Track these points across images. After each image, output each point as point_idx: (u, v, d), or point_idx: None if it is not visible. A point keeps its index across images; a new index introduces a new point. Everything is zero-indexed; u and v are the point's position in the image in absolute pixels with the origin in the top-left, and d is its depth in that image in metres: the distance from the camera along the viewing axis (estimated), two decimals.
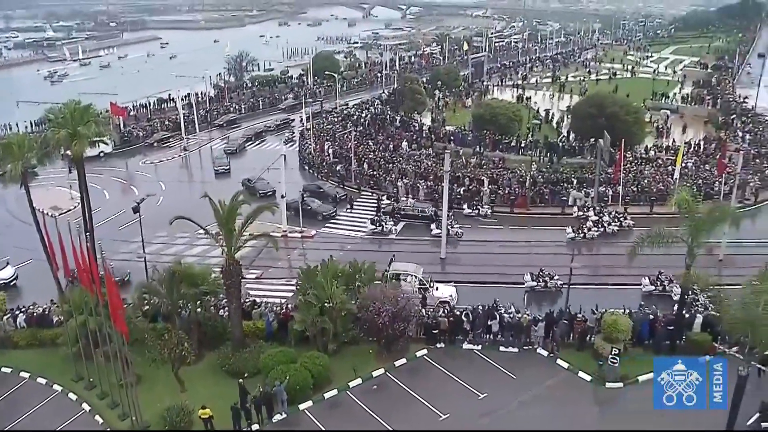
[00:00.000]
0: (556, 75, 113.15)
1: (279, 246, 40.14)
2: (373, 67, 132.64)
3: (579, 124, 69.35)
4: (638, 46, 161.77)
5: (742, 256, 45.10)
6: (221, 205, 33.76)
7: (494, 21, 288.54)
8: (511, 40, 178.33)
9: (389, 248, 49.20)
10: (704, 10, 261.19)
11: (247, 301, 38.38)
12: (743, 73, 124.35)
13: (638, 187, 57.76)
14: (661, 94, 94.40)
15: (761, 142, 70.93)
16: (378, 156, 67.04)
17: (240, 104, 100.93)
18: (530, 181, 58.51)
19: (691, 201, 34.60)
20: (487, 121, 70.39)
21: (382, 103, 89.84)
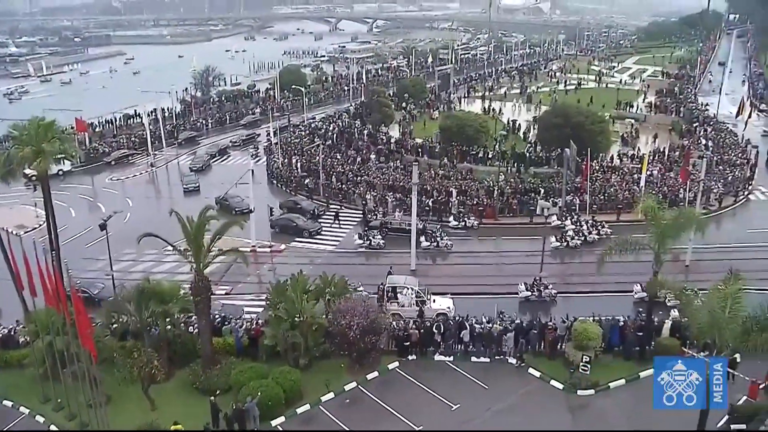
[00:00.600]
0: (525, 86, 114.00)
1: (248, 261, 39.98)
2: (340, 81, 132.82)
3: (545, 134, 70.02)
4: (602, 56, 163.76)
5: (707, 261, 45.95)
6: (189, 221, 33.56)
7: (460, 33, 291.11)
8: (477, 52, 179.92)
9: (359, 261, 49.43)
10: (665, 20, 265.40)
11: (218, 316, 38.16)
12: (705, 81, 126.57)
13: (605, 196, 58.47)
14: (626, 103, 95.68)
15: (723, 149, 72.21)
16: (346, 169, 67.10)
17: (207, 119, 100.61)
18: (498, 191, 58.96)
19: (657, 208, 35.13)
20: (454, 133, 70.77)
21: (350, 116, 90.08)
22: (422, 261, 49.53)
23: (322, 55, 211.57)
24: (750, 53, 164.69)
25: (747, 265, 42.47)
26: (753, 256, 47.62)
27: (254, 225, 52.22)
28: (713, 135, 77.59)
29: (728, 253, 47.51)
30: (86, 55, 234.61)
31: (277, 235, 55.22)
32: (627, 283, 42.00)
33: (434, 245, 51.65)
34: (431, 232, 52.75)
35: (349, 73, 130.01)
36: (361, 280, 42.52)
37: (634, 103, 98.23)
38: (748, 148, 73.92)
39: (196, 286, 33.29)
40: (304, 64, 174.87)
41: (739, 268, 32.53)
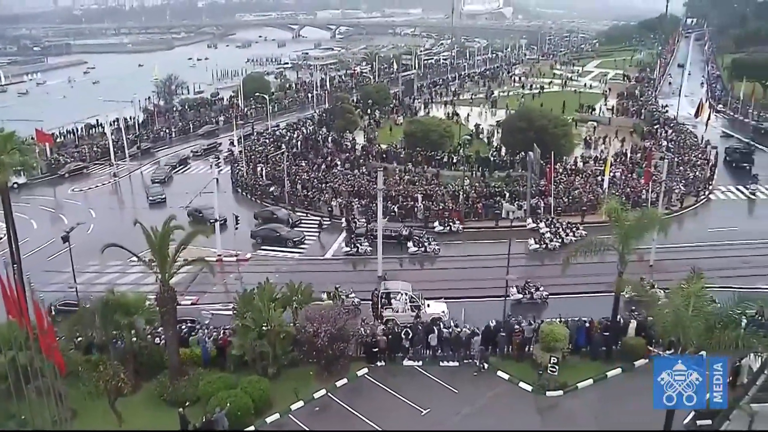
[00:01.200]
0: (489, 91, 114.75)
1: (214, 270, 39.71)
2: (304, 88, 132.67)
3: (509, 138, 70.49)
4: (564, 60, 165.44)
5: (671, 261, 46.58)
6: (154, 231, 33.22)
7: (423, 39, 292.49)
8: (440, 57, 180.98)
9: (326, 268, 49.40)
10: (625, 24, 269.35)
11: (184, 328, 37.83)
12: (665, 83, 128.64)
13: (569, 198, 59.06)
14: (588, 106, 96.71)
15: (684, 150, 73.39)
16: (311, 176, 67.00)
17: (170, 128, 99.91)
18: (463, 196, 59.26)
19: (620, 209, 35.61)
20: (418, 138, 70.98)
21: (314, 123, 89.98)
22: (409, 266, 50.00)
23: (285, 62, 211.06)
24: (707, 56, 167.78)
25: (709, 263, 43.35)
26: (714, 255, 48.60)
27: (219, 234, 51.91)
28: (674, 136, 78.89)
29: (691, 252, 48.52)
30: (46, 65, 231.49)
31: (257, 245, 54.95)
32: (746, 276, 43.34)
33: (422, 250, 51.79)
34: (418, 237, 52.90)
35: (313, 80, 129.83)
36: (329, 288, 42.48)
37: (597, 106, 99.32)
38: (707, 149, 75.43)
39: (162, 296, 32.95)
40: (268, 72, 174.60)
41: (702, 266, 33.06)
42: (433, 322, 38.01)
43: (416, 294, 40.70)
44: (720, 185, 67.05)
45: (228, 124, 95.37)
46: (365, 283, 44.98)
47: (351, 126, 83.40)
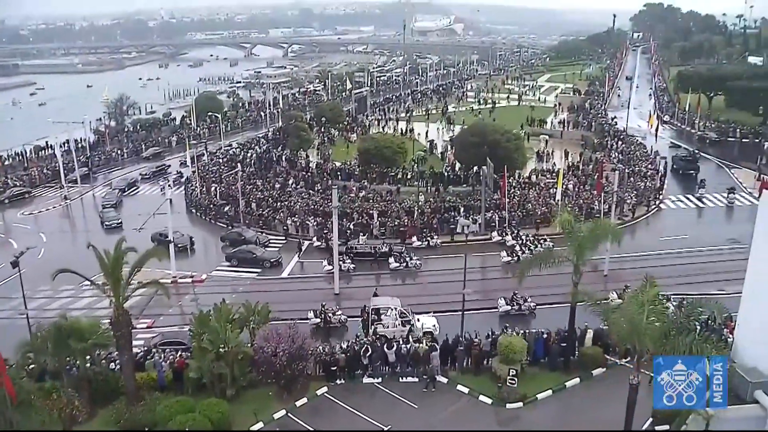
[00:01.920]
0: (442, 106, 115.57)
1: (169, 293, 39.20)
2: (257, 106, 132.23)
3: (463, 153, 70.93)
4: (515, 75, 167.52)
5: (624, 270, 47.43)
6: (107, 254, 32.71)
7: (375, 56, 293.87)
8: (393, 74, 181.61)
9: (283, 287, 49.15)
10: (574, 39, 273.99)
11: (139, 352, 37.23)
12: (614, 96, 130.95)
13: (523, 211, 59.66)
14: (540, 120, 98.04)
15: (634, 161, 74.74)
16: (266, 195, 66.66)
17: (122, 149, 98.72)
18: (418, 211, 59.48)
19: (573, 221, 36.09)
20: (373, 155, 71.04)
21: (268, 142, 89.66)
22: (391, 282, 49.93)
23: (238, 81, 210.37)
24: (654, 69, 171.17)
25: (661, 271, 44.15)
26: (667, 263, 49.56)
27: (174, 255, 51.29)
28: (624, 148, 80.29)
29: (644, 261, 49.52)
30: None
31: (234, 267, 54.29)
32: (697, 283, 44.40)
33: (404, 266, 51.83)
34: (398, 253, 52.98)
35: (266, 99, 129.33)
36: (289, 306, 42.22)
37: (548, 119, 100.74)
38: (657, 159, 76.98)
39: (116, 320, 32.40)
40: (220, 91, 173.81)
41: (654, 274, 33.56)
42: (425, 336, 38.19)
43: (406, 309, 40.78)
44: (670, 195, 68.52)
45: (180, 145, 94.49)
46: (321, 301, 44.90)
47: (305, 144, 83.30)
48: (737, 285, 29.34)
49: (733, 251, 49.04)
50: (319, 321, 41.95)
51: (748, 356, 27.55)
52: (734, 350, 28.48)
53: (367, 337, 38.09)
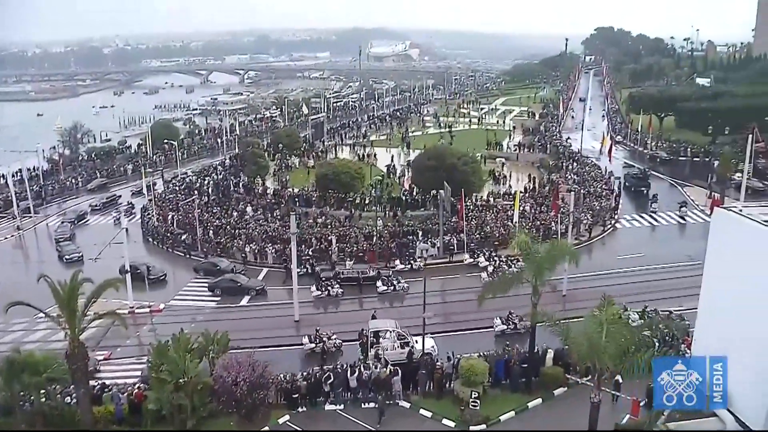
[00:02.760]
0: (400, 131, 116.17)
1: (127, 323, 38.58)
2: (214, 133, 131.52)
3: (420, 178, 71.18)
4: (471, 99, 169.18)
5: (583, 290, 47.85)
6: (62, 285, 32.10)
7: (331, 82, 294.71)
8: (349, 100, 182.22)
9: (242, 316, 48.67)
10: (528, 63, 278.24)
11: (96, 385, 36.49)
12: (568, 118, 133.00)
13: (481, 234, 60.01)
14: (495, 143, 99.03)
15: (589, 182, 75.81)
16: (224, 223, 66.16)
17: (77, 178, 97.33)
18: (377, 236, 59.52)
19: (531, 242, 36.42)
20: (330, 181, 70.95)
21: (225, 169, 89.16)
22: (382, 305, 49.42)
23: (194, 108, 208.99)
24: (606, 91, 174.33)
25: (619, 289, 44.72)
26: (624, 281, 50.24)
27: (131, 284, 50.52)
28: (579, 169, 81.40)
29: (601, 280, 50.13)
30: None
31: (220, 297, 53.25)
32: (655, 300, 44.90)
33: (391, 289, 51.77)
34: (386, 276, 52.98)
35: (222, 126, 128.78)
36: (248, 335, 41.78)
37: (504, 142, 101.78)
38: (611, 180, 78.22)
39: (72, 353, 31.73)
40: (176, 118, 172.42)
41: (612, 293, 33.97)
42: (423, 357, 37.99)
43: (404, 331, 40.64)
44: (625, 214, 69.55)
45: (136, 173, 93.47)
46: (283, 329, 44.82)
47: (262, 171, 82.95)
48: (694, 301, 29.80)
49: (688, 268, 49.81)
50: (314, 346, 41.68)
51: None
52: None
53: (367, 361, 38.02)
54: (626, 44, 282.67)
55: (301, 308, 48.06)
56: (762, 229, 26.50)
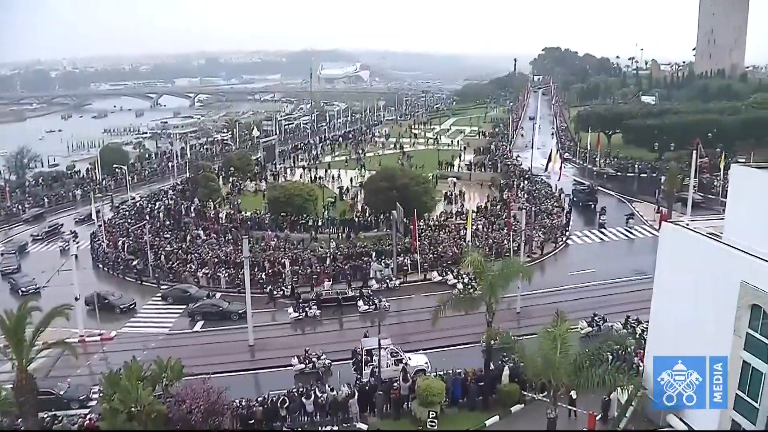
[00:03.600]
0: (353, 152, 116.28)
1: (77, 352, 37.78)
2: (164, 157, 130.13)
3: (372, 199, 71.23)
4: (422, 120, 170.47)
5: (536, 306, 48.20)
6: (7, 315, 31.34)
7: (283, 104, 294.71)
8: (301, 122, 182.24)
9: (195, 342, 48.00)
10: (478, 83, 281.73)
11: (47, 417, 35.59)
12: (518, 137, 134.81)
13: (435, 253, 60.21)
14: (447, 163, 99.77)
15: (540, 200, 76.73)
16: (175, 247, 65.35)
17: (23, 203, 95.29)
18: (330, 258, 59.36)
19: (483, 261, 36.67)
20: (283, 204, 70.61)
21: (176, 193, 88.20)
22: (362, 324, 48.85)
23: (144, 131, 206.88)
24: (555, 110, 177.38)
25: (572, 305, 45.22)
26: (577, 296, 50.80)
27: (81, 312, 49.49)
28: (530, 187, 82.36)
29: (554, 296, 50.62)
30: None
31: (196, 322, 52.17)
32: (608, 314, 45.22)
33: (373, 308, 51.58)
34: (368, 295, 52.88)
35: (173, 149, 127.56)
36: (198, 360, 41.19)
37: (455, 162, 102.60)
38: (562, 197, 79.30)
39: (19, 384, 30.99)
40: (126, 142, 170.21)
41: (566, 308, 34.33)
42: (418, 374, 38.02)
43: (397, 348, 40.47)
44: (576, 230, 70.51)
45: (85, 199, 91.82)
46: (237, 353, 44.39)
47: (213, 194, 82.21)
48: (645, 314, 30.28)
49: (639, 282, 50.59)
50: (304, 366, 41.33)
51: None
52: (645, 377, 29.39)
53: (362, 379, 37.97)
54: (573, 64, 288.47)
55: (263, 331, 47.84)
56: (708, 242, 27.13)
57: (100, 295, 54.50)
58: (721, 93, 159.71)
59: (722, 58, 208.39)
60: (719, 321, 25.41)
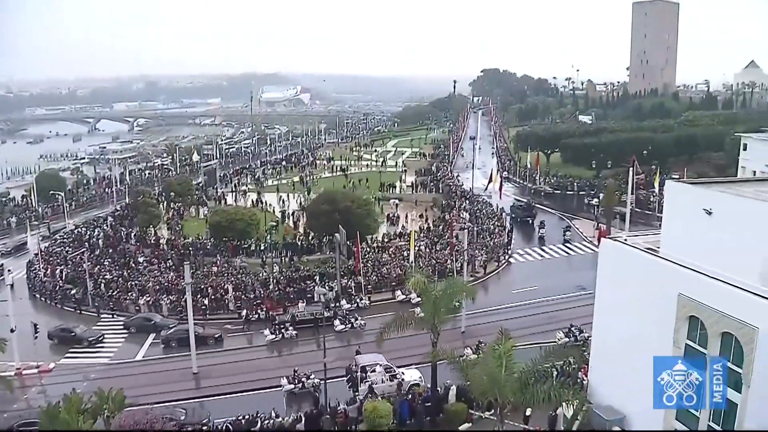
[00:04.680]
0: (307, 175, 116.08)
1: (13, 386, 36.66)
2: (103, 183, 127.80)
3: (315, 222, 71.01)
4: (364, 142, 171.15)
5: (481, 325, 48.50)
6: None
7: (223, 128, 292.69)
8: (242, 146, 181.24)
9: (137, 371, 46.94)
10: (418, 104, 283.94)
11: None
12: (459, 158, 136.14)
13: (378, 275, 60.23)
14: (389, 185, 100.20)
15: (482, 219, 77.51)
16: (115, 275, 64.02)
17: None
18: (274, 282, 58.91)
19: (427, 281, 36.78)
20: (225, 228, 70.02)
21: (116, 219, 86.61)
22: (338, 344, 48.36)
23: (82, 157, 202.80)
24: (495, 130, 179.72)
25: (516, 323, 45.62)
26: (520, 314, 51.29)
27: (17, 344, 47.98)
28: (471, 207, 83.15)
29: (499, 315, 50.96)
30: None
31: (173, 349, 50.73)
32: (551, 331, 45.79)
33: (349, 327, 51.48)
34: (344, 315, 52.74)
35: (112, 175, 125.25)
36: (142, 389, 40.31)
37: (397, 183, 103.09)
38: (503, 216, 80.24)
39: None
40: (63, 168, 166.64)
41: (510, 327, 34.61)
42: (412, 388, 38.30)
43: (390, 364, 40.30)
44: (518, 249, 71.30)
45: (21, 226, 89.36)
46: (178, 382, 43.71)
47: (154, 220, 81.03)
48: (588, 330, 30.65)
49: (581, 297, 51.32)
50: (293, 387, 40.83)
51: (602, 396, 28.87)
52: (590, 391, 29.80)
53: (359, 396, 37.90)
54: (512, 85, 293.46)
55: (238, 354, 47.84)
56: (646, 256, 27.69)
57: (65, 329, 52.98)
58: (654, 111, 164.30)
59: (655, 77, 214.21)
60: (659, 333, 25.88)
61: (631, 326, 28.05)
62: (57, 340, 52.31)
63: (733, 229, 24.27)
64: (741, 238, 23.94)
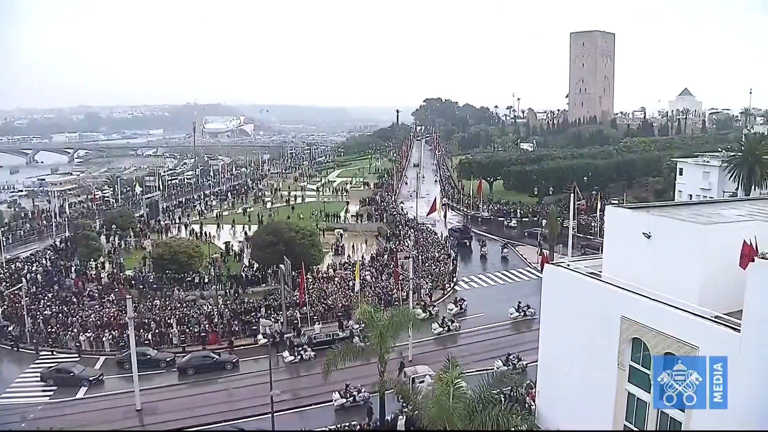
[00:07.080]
0: (244, 207, 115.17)
1: None
2: (42, 216, 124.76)
3: (259, 253, 70.46)
4: (308, 173, 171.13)
5: (428, 353, 48.50)
6: None
7: (166, 159, 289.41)
8: (184, 177, 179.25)
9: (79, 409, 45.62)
10: (362, 134, 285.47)
11: None
12: (402, 186, 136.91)
13: (324, 305, 59.88)
14: (333, 215, 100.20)
15: (426, 247, 77.84)
16: (55, 311, 62.36)
17: None
18: (218, 315, 58.11)
19: (372, 311, 36.71)
20: (167, 261, 69.01)
21: (55, 253, 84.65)
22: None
23: (19, 189, 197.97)
24: (438, 158, 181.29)
25: (463, 350, 45.76)
26: (467, 341, 51.46)
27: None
28: (416, 235, 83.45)
29: (445, 342, 50.87)
30: None
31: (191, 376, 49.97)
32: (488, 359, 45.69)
33: (299, 358, 50.95)
34: (296, 346, 52.26)
35: (51, 207, 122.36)
36: None
37: (341, 213, 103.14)
38: (447, 244, 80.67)
39: None
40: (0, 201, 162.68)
41: (456, 354, 34.69)
42: None
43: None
44: (463, 276, 71.60)
45: None
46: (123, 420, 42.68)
47: (95, 253, 79.41)
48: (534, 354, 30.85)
49: (526, 322, 51.74)
50: (345, 401, 41.07)
51: (550, 419, 29.08)
52: (538, 416, 30.02)
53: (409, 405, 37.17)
54: (454, 114, 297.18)
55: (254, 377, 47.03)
56: (588, 280, 28.12)
57: (61, 369, 50.48)
58: (593, 138, 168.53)
59: (593, 105, 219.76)
60: (604, 356, 26.26)
61: (576, 350, 28.38)
62: (52, 381, 49.51)
63: (671, 252, 24.87)
64: (679, 260, 24.54)
